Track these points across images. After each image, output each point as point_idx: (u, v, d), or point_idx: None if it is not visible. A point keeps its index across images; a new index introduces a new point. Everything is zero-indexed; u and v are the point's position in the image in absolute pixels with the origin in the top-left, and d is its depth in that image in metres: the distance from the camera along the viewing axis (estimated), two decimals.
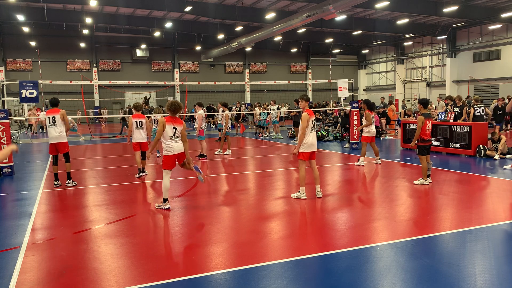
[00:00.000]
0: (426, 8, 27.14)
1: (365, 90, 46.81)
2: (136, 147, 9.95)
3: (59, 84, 21.79)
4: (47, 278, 4.35)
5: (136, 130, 9.90)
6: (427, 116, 8.25)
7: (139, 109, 10.18)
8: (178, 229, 5.95)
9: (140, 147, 9.94)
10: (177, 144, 6.81)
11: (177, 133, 6.78)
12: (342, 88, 15.38)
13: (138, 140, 9.90)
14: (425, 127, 8.15)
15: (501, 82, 32.09)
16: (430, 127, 8.31)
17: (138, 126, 9.89)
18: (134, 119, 9.92)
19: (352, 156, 12.69)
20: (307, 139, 7.24)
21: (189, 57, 41.04)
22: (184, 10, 25.89)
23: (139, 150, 9.95)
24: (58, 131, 8.70)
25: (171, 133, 6.73)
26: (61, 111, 8.83)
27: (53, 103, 9.00)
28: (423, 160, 8.28)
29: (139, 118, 9.96)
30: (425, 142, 8.22)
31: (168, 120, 6.75)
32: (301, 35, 37.26)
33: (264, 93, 40.28)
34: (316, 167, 7.49)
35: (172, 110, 6.81)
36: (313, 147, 7.35)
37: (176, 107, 6.82)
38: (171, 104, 6.85)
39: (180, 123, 6.87)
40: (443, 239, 5.24)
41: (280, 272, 4.31)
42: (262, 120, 20.44)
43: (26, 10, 27.58)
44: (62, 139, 8.74)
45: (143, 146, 9.96)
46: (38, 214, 6.81)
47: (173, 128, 6.74)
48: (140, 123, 9.92)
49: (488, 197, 7.46)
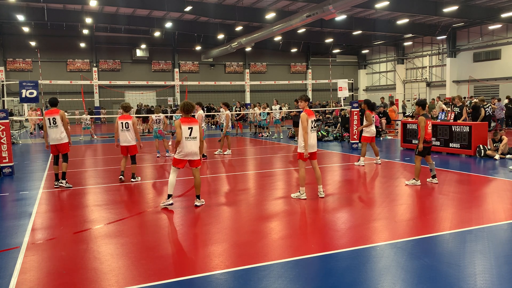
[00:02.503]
0: (426, 8, 27.14)
1: (365, 90, 46.81)
2: (123, 150, 9.30)
3: (59, 84, 21.81)
4: (47, 278, 4.35)
5: (121, 133, 9.23)
6: (427, 117, 8.24)
7: (127, 110, 9.55)
8: (178, 229, 5.95)
9: (128, 151, 9.27)
10: (193, 145, 6.82)
11: (193, 132, 6.81)
12: (342, 88, 15.38)
13: (124, 143, 9.23)
14: (427, 127, 8.14)
15: (501, 82, 32.08)
16: (430, 128, 8.30)
17: (123, 128, 9.22)
18: (119, 121, 9.30)
19: (352, 156, 12.69)
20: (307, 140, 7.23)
21: (189, 57, 41.05)
22: (184, 10, 25.89)
23: (126, 154, 9.30)
24: (59, 132, 8.61)
25: (187, 134, 6.78)
26: (61, 112, 8.70)
27: (52, 103, 8.86)
28: (418, 161, 8.28)
29: (125, 119, 9.28)
30: (426, 143, 8.21)
31: (183, 121, 6.82)
32: (301, 35, 37.26)
33: (264, 93, 40.26)
34: (317, 167, 7.48)
35: (185, 110, 6.91)
36: (313, 148, 7.35)
37: (189, 107, 6.93)
38: (184, 104, 6.94)
39: (195, 122, 6.93)
40: (443, 239, 5.24)
41: (280, 272, 4.31)
42: (262, 120, 20.43)
43: (26, 10, 27.58)
44: (64, 140, 8.67)
45: (131, 149, 9.26)
46: (38, 214, 6.81)
47: (188, 128, 6.79)
48: (126, 125, 9.24)
49: (488, 197, 7.46)
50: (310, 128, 7.28)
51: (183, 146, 6.78)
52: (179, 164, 6.90)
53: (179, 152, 6.83)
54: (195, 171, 7.00)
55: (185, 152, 6.80)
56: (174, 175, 6.94)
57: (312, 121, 7.37)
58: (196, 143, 6.87)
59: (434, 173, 8.47)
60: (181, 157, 6.84)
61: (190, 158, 6.87)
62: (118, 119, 9.37)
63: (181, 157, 6.84)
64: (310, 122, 7.29)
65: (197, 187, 7.10)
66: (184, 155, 6.82)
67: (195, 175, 7.03)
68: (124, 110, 9.58)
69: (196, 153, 6.88)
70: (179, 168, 6.96)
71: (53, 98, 9.01)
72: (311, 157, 7.37)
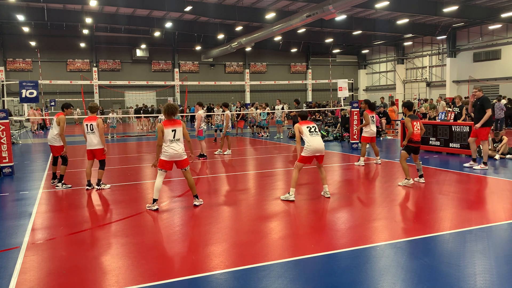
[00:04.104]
0: (426, 8, 27.15)
1: (365, 90, 46.82)
2: (89, 154, 8.56)
3: (59, 84, 21.83)
4: (47, 278, 4.35)
5: (87, 135, 8.46)
6: (413, 118, 8.29)
7: (93, 111, 8.70)
8: (178, 229, 5.95)
9: (93, 155, 8.53)
10: (178, 147, 6.79)
11: (177, 134, 6.78)
12: (342, 88, 15.38)
13: (89, 146, 8.48)
14: (413, 128, 8.17)
15: (501, 82, 32.09)
16: (418, 129, 8.31)
17: (88, 131, 8.41)
18: (84, 123, 8.49)
19: (352, 156, 12.69)
20: (311, 144, 7.17)
21: (189, 57, 41.06)
22: (184, 10, 25.90)
23: (92, 158, 8.55)
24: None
25: (170, 136, 6.73)
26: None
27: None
28: (403, 161, 8.30)
29: (90, 121, 8.44)
30: (413, 143, 8.24)
31: (166, 124, 6.78)
32: (301, 35, 37.27)
33: (264, 93, 40.27)
34: (323, 169, 7.46)
35: (169, 113, 6.87)
36: (318, 152, 7.24)
37: (173, 109, 6.89)
38: (167, 107, 6.90)
39: (179, 124, 6.89)
40: (443, 239, 5.23)
41: (280, 272, 4.31)
42: (262, 120, 20.43)
43: (26, 10, 27.59)
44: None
45: (97, 153, 8.49)
46: (38, 214, 6.81)
47: (172, 131, 6.75)
48: (90, 127, 8.40)
49: (488, 197, 7.46)
50: (309, 133, 7.25)
51: (168, 148, 6.74)
52: (165, 166, 6.84)
53: (165, 155, 6.77)
54: (186, 172, 6.94)
55: (171, 154, 6.76)
56: (161, 179, 6.87)
57: (309, 126, 7.34)
58: (181, 145, 6.83)
59: (421, 173, 8.53)
60: (167, 158, 6.79)
61: (176, 159, 6.83)
62: (84, 121, 8.61)
63: (168, 158, 6.79)
64: (305, 129, 7.28)
65: (192, 187, 7.06)
66: (170, 157, 6.78)
67: (186, 176, 6.98)
68: (90, 110, 8.83)
69: (181, 154, 6.82)
70: (166, 171, 6.91)
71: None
72: (318, 161, 7.37)
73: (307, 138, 7.23)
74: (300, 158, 7.30)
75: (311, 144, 7.17)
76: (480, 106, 9.87)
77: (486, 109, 9.74)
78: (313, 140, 7.20)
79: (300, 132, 7.31)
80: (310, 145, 7.18)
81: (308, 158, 7.28)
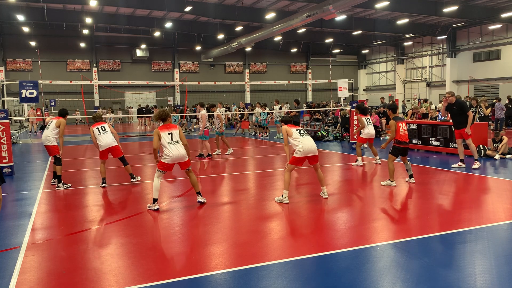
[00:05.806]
0: (426, 8, 27.16)
1: (365, 90, 46.82)
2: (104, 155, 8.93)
3: (59, 84, 21.83)
4: (47, 278, 4.35)
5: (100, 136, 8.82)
6: (398, 120, 8.30)
7: (98, 120, 9.06)
8: (178, 229, 5.95)
9: (110, 153, 9.01)
10: (178, 150, 6.83)
11: (174, 137, 6.86)
12: (342, 88, 15.39)
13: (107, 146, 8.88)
14: (399, 129, 8.18)
15: (501, 82, 32.09)
16: (405, 130, 8.31)
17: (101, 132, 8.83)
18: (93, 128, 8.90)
19: (352, 156, 12.68)
20: (301, 145, 7.00)
21: (189, 57, 41.06)
22: (184, 10, 25.91)
23: (106, 158, 9.01)
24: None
25: (168, 139, 6.83)
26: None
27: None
28: (391, 162, 8.31)
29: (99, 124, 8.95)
30: (401, 145, 8.25)
31: (162, 128, 6.91)
32: (301, 35, 37.28)
33: (264, 93, 40.29)
34: (319, 170, 7.38)
35: (162, 119, 7.06)
36: (310, 152, 7.07)
37: (164, 115, 7.08)
38: (158, 114, 7.11)
39: (175, 127, 7.01)
40: (443, 239, 5.23)
41: (280, 272, 4.31)
42: (262, 120, 20.43)
43: (26, 10, 27.60)
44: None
45: (115, 151, 8.95)
46: (38, 214, 6.81)
47: (168, 134, 6.85)
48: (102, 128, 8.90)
49: (488, 197, 7.46)
50: (299, 134, 7.12)
51: (169, 151, 6.79)
52: (165, 168, 6.94)
53: (167, 157, 6.81)
54: (188, 172, 7.04)
55: (173, 157, 6.80)
56: (159, 179, 6.94)
57: (298, 129, 7.23)
58: (181, 146, 6.88)
59: (411, 173, 8.56)
60: (169, 161, 6.85)
61: (179, 161, 6.90)
62: (91, 126, 8.99)
63: (170, 161, 6.85)
64: (295, 131, 7.15)
65: (195, 184, 7.13)
66: (172, 159, 6.83)
67: (189, 176, 7.08)
68: (94, 120, 9.12)
69: (184, 156, 6.89)
70: (165, 172, 7.00)
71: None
72: (311, 162, 7.22)
73: (298, 139, 7.04)
74: (291, 159, 7.15)
75: (303, 144, 6.99)
76: (459, 111, 10.02)
77: (467, 112, 9.97)
78: (304, 141, 7.02)
79: (289, 134, 7.14)
80: (302, 146, 6.99)
81: (300, 159, 7.09)
